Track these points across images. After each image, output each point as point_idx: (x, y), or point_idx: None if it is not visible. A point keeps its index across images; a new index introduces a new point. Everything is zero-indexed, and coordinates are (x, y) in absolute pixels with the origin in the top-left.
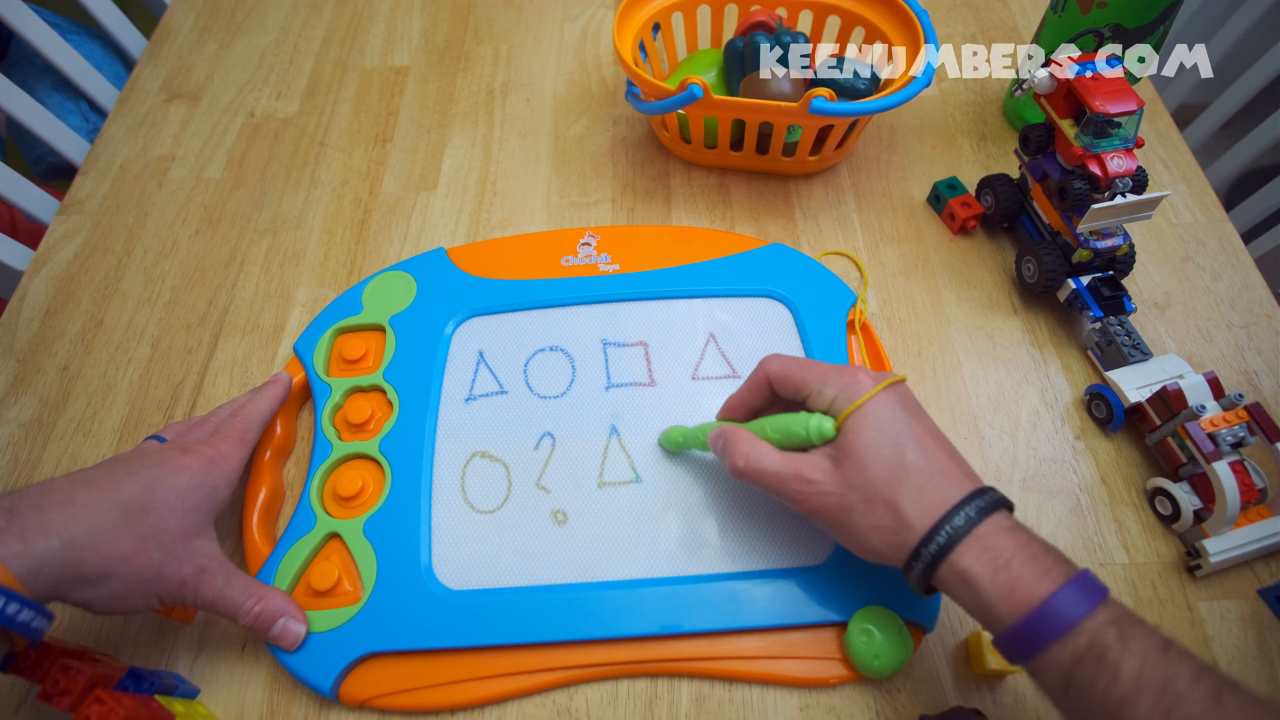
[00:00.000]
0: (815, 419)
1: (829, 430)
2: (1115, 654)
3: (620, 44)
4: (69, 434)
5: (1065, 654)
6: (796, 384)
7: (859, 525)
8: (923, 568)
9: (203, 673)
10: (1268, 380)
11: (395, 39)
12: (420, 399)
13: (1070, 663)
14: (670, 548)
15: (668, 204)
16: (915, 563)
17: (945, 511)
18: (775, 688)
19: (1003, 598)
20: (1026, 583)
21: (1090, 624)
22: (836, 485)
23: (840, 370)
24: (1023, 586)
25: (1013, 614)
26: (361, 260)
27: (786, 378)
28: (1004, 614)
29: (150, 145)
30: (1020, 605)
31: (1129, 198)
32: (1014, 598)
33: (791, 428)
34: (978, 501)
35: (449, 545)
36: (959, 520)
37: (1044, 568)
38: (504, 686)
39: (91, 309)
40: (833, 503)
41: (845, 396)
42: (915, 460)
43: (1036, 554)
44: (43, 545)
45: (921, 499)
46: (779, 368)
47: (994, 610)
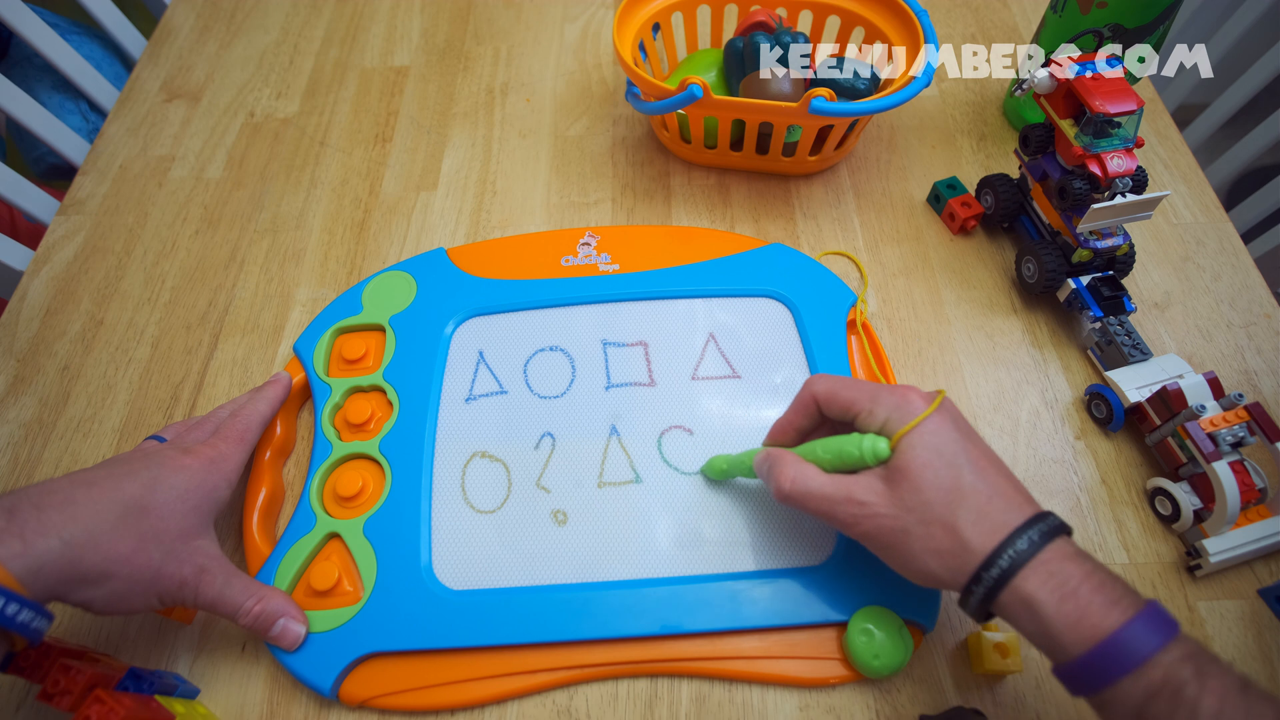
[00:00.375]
0: (869, 439)
1: (884, 450)
2: (1192, 691)
3: (620, 44)
4: (69, 434)
5: (1138, 689)
6: (845, 404)
7: (915, 548)
8: (984, 592)
9: (203, 673)
10: (1268, 380)
11: (395, 39)
12: (420, 399)
13: (1143, 698)
14: (670, 548)
15: (668, 204)
16: (976, 587)
17: (1007, 535)
18: (775, 688)
19: (1069, 626)
20: (1095, 612)
21: (1164, 659)
22: (891, 507)
23: (890, 389)
24: (1091, 616)
25: (1080, 644)
26: (361, 260)
27: (834, 397)
28: (1070, 643)
29: (150, 145)
30: (1089, 635)
31: (1129, 198)
32: (1082, 627)
33: (844, 448)
34: (1040, 525)
35: (449, 545)
36: (1022, 544)
37: (1113, 597)
38: (504, 686)
39: (91, 309)
40: (888, 525)
41: (898, 417)
42: (973, 482)
43: (1104, 582)
44: (42, 545)
45: (981, 522)
46: (825, 388)
47: (1059, 639)
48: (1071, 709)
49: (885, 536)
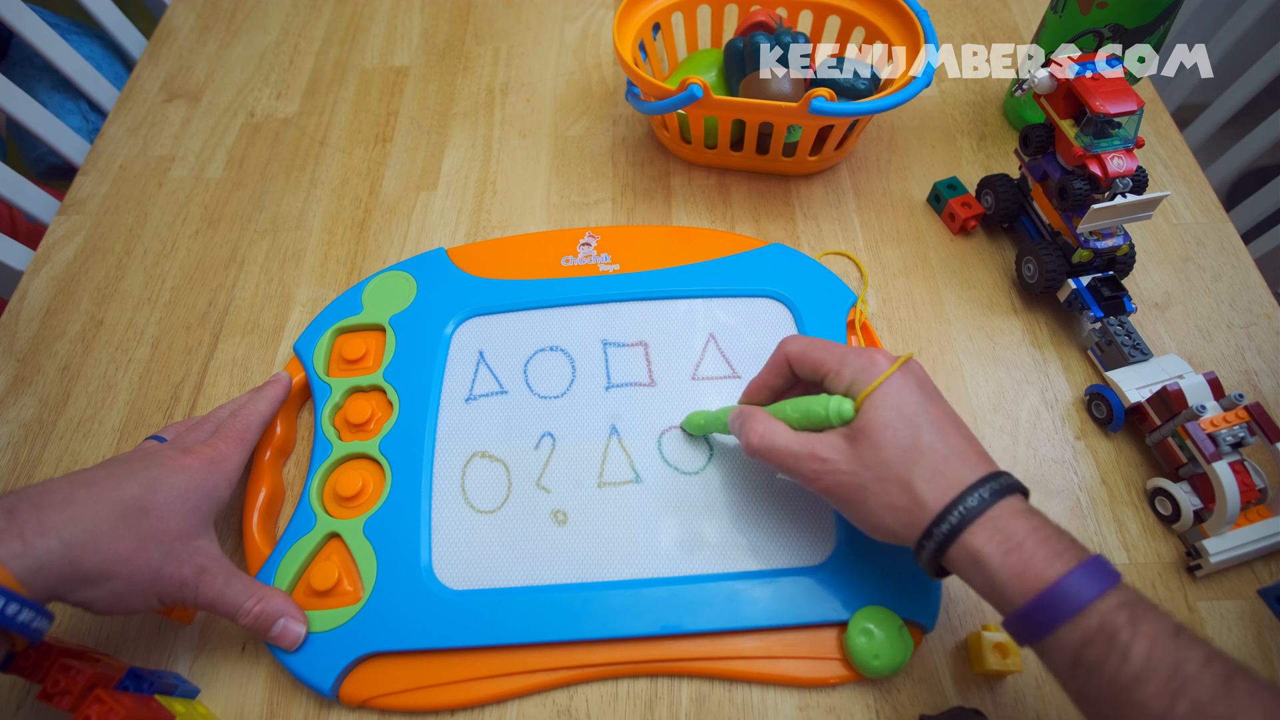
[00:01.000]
0: (835, 400)
1: (848, 411)
2: (1125, 636)
3: (620, 44)
4: (69, 434)
5: (1075, 635)
6: (814, 363)
7: (872, 504)
8: (934, 547)
9: (203, 673)
10: (1268, 380)
11: (395, 39)
12: (420, 399)
13: (1079, 643)
14: (670, 548)
15: (668, 204)
16: (927, 542)
17: (959, 492)
18: (775, 688)
19: (1014, 578)
20: (1038, 564)
21: (1101, 606)
22: (851, 464)
23: (858, 351)
24: (1034, 568)
25: (1023, 594)
26: (361, 260)
27: (804, 357)
28: (1014, 594)
29: (150, 145)
30: (1031, 586)
31: (1129, 198)
32: (1025, 578)
33: (811, 408)
34: (992, 484)
35: (449, 545)
36: (972, 501)
37: (1056, 550)
38: (504, 686)
39: (91, 309)
40: (846, 480)
41: (863, 378)
42: (931, 441)
43: (1049, 537)
44: (42, 545)
45: (936, 479)
46: (797, 348)
47: (1004, 590)
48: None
49: (845, 492)
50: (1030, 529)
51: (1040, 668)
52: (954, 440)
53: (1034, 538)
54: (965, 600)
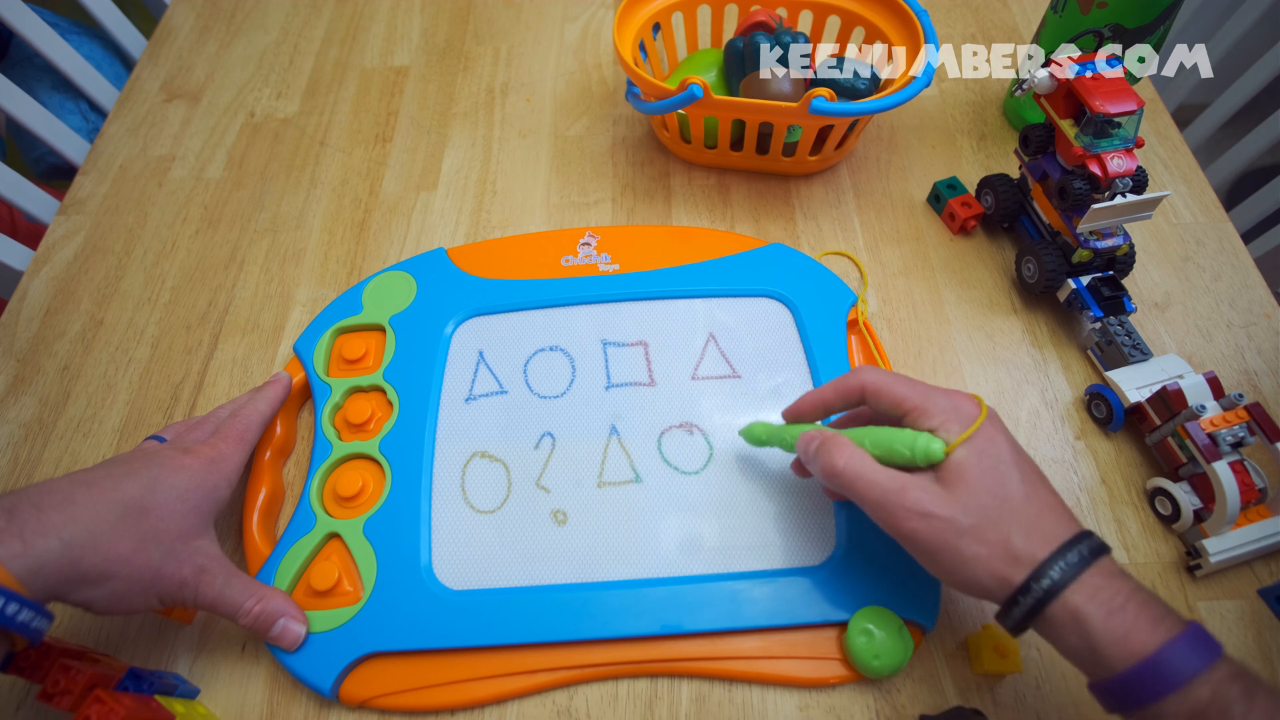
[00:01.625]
0: (923, 438)
1: (937, 452)
2: (1240, 710)
3: (620, 44)
4: (69, 434)
5: (1184, 707)
6: (896, 399)
7: (967, 554)
8: (1032, 603)
9: (203, 673)
10: (1268, 380)
11: (395, 39)
12: (420, 399)
13: (1189, 717)
14: (670, 548)
15: (668, 204)
16: (1023, 598)
17: (1057, 547)
18: (775, 688)
19: (1115, 642)
20: (1142, 628)
21: (1211, 677)
22: (945, 509)
23: (945, 392)
24: (1138, 632)
25: (1125, 660)
26: (361, 260)
27: (884, 391)
28: (1114, 659)
29: (150, 145)
30: (1135, 651)
31: (1129, 198)
32: (1129, 643)
33: (894, 445)
34: (1089, 541)
35: (449, 545)
36: (1073, 558)
37: (1158, 615)
38: (504, 686)
39: (91, 309)
40: (939, 527)
41: (953, 420)
42: (1025, 493)
43: (1148, 601)
44: (42, 545)
45: (1033, 533)
46: (876, 380)
47: (1103, 654)
48: (1071, 710)
49: (935, 539)
50: (1129, 592)
51: (1040, 668)
52: (1045, 495)
53: (1134, 600)
54: (965, 600)
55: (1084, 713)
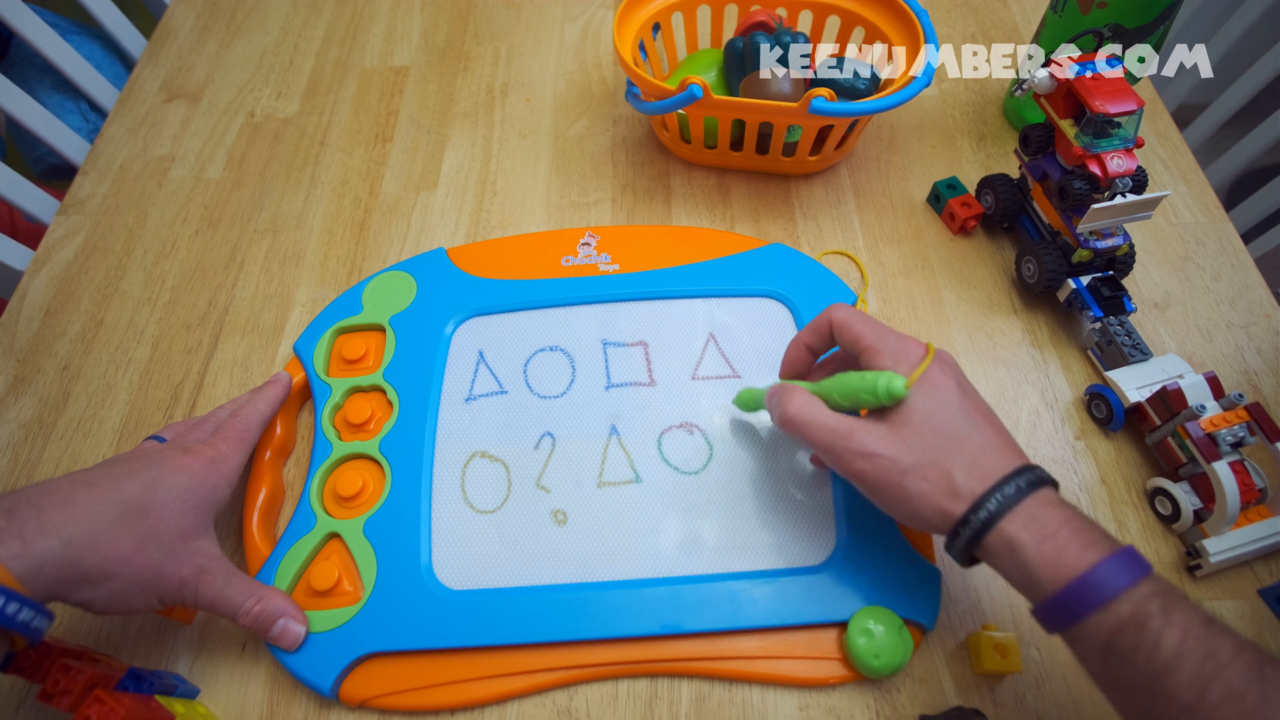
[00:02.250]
0: (884, 378)
1: (900, 389)
2: (1157, 624)
3: (620, 44)
4: (69, 434)
5: (1107, 622)
6: (854, 335)
7: (910, 490)
8: (970, 534)
9: (203, 673)
10: (1268, 380)
11: (395, 39)
12: (420, 399)
13: (1111, 631)
14: (670, 548)
15: (668, 204)
16: (963, 529)
17: (996, 481)
18: (775, 688)
19: (1047, 566)
20: (1072, 552)
21: (1133, 594)
22: (890, 449)
23: (898, 336)
24: (1068, 556)
25: (1056, 582)
26: (361, 260)
27: (846, 326)
28: (1047, 581)
29: (150, 145)
30: (1064, 574)
31: (1129, 198)
32: (1059, 566)
33: (858, 390)
34: (1027, 475)
35: (449, 545)
36: (1009, 490)
37: (1089, 540)
38: (504, 686)
39: (91, 309)
40: (885, 466)
41: (903, 362)
42: (969, 431)
43: (1082, 528)
44: (42, 545)
45: (973, 469)
46: (842, 315)
47: (1037, 577)
48: (1072, 710)
49: (882, 477)
50: (1064, 519)
51: (1040, 668)
52: (989, 432)
53: (1067, 528)
54: (965, 600)
55: (1084, 713)
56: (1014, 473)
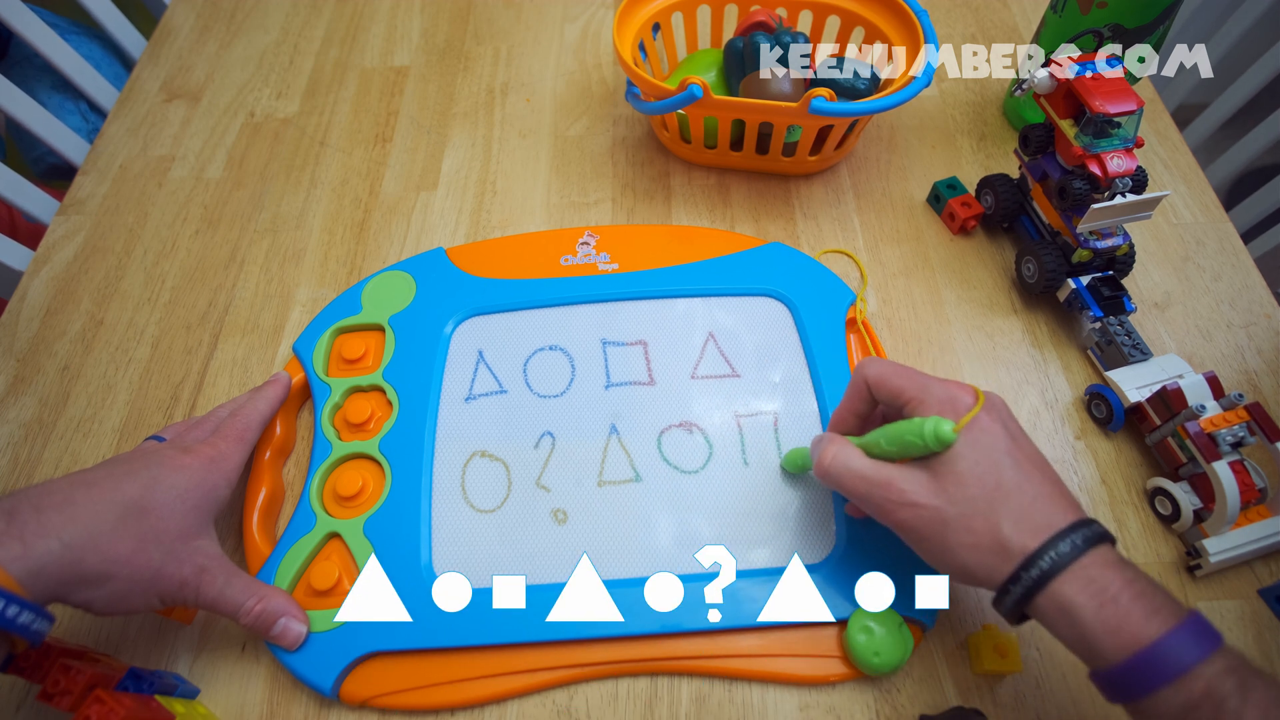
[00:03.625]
0: (931, 423)
1: (948, 434)
2: (1234, 704)
3: (620, 44)
4: (69, 434)
5: (1178, 699)
6: (894, 390)
7: (952, 542)
8: (1021, 593)
9: (203, 673)
10: (1268, 380)
11: (395, 39)
12: (420, 398)
13: (1183, 708)
14: (670, 546)
15: (668, 204)
16: (1013, 587)
17: (1049, 537)
18: (775, 687)
19: (1109, 634)
20: (1136, 620)
21: (1206, 670)
22: (933, 498)
23: (941, 382)
24: (1131, 624)
25: (1119, 652)
26: (361, 260)
27: (884, 382)
28: (1109, 651)
29: (150, 145)
30: (1128, 643)
31: (1129, 198)
32: (1122, 635)
33: (905, 437)
34: (1084, 530)
35: (449, 545)
36: (1064, 547)
37: (1153, 606)
38: (504, 686)
39: (91, 309)
40: (926, 516)
41: (950, 409)
42: (1017, 481)
43: (1145, 591)
44: (42, 547)
45: (1023, 522)
46: (876, 372)
47: (1097, 646)
48: (1072, 710)
49: (923, 528)
50: (1125, 581)
51: (1040, 667)
52: (1041, 482)
53: (1129, 591)
54: (965, 600)
55: (1084, 712)
56: (1069, 528)
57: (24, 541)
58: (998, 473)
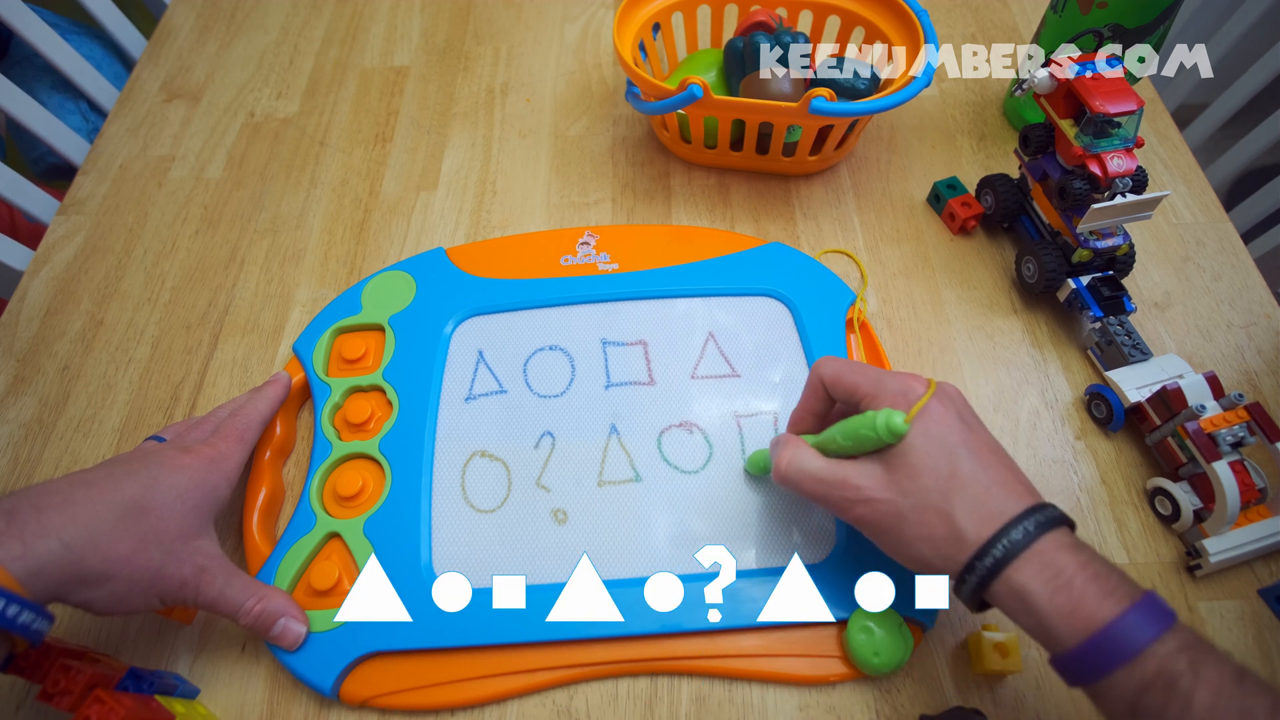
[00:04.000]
0: (883, 415)
1: (900, 425)
2: (1187, 683)
3: (620, 44)
4: (69, 434)
5: (1131, 680)
6: (849, 387)
7: (909, 534)
8: (976, 582)
9: (203, 673)
10: (1268, 380)
11: (395, 39)
12: (420, 398)
13: (1137, 689)
14: (670, 546)
15: (668, 204)
16: (969, 576)
17: (1002, 525)
18: (776, 687)
19: (1063, 618)
20: (1090, 603)
21: (1159, 650)
22: (886, 492)
23: (894, 376)
24: (1085, 607)
25: (1074, 635)
26: (361, 260)
27: (839, 380)
28: (1064, 635)
29: (150, 145)
30: (1082, 627)
31: (1129, 198)
32: (1075, 618)
33: (859, 430)
34: (1037, 516)
35: (449, 545)
36: (1017, 534)
37: (1108, 588)
38: (504, 686)
39: (91, 309)
40: (882, 509)
41: (901, 402)
42: (971, 470)
43: (1099, 573)
44: (42, 547)
45: (977, 510)
46: (831, 370)
47: (1053, 631)
48: (1071, 710)
49: (880, 521)
50: (1079, 564)
51: (1040, 667)
52: (996, 470)
53: (1083, 574)
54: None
55: (1084, 712)
56: (1022, 514)
57: (24, 541)
58: (952, 462)
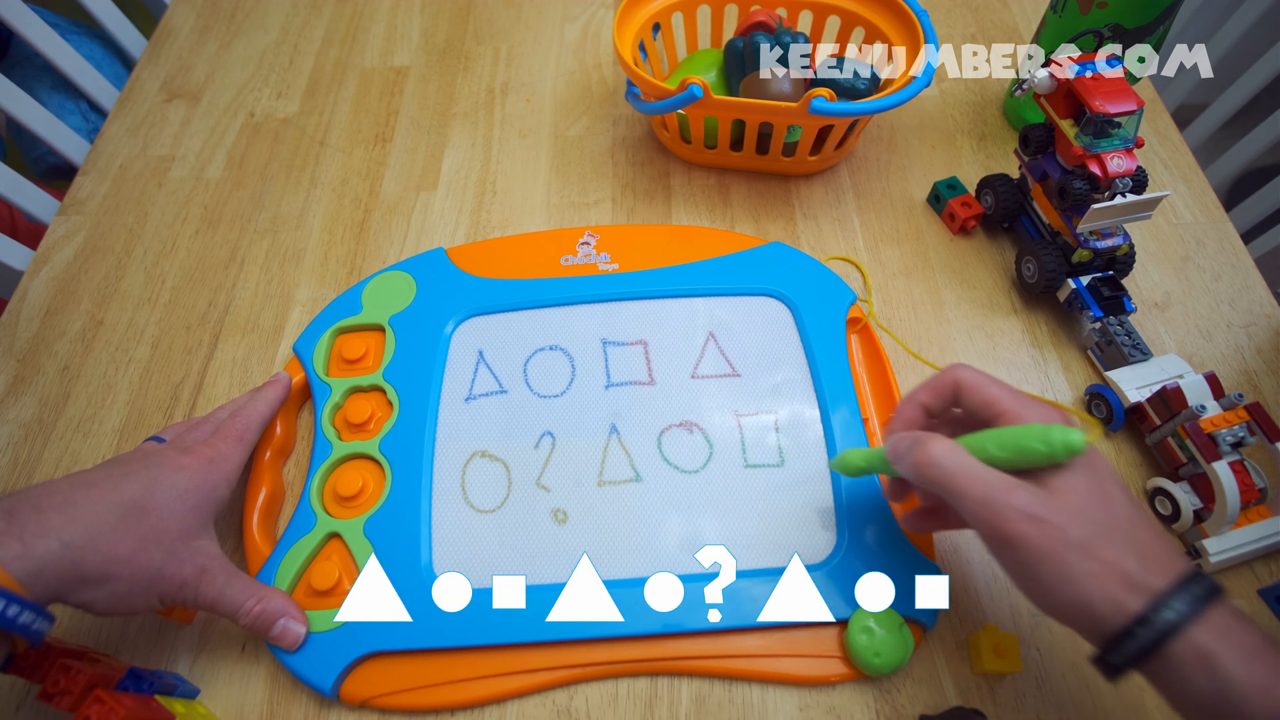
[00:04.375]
0: (1058, 429)
1: (1078, 443)
2: None
3: (620, 44)
4: (69, 434)
5: None
6: (989, 398)
7: (1075, 569)
8: (1152, 636)
9: (203, 673)
10: (1268, 380)
11: (395, 39)
12: (420, 399)
13: None
14: (670, 546)
15: (668, 204)
16: (1140, 629)
17: (1179, 578)
18: (776, 687)
19: (1259, 692)
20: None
21: None
22: (1058, 516)
23: (1040, 402)
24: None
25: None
26: (361, 260)
27: (979, 389)
28: (1257, 711)
29: (150, 145)
30: None
31: (1129, 198)
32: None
33: (1023, 442)
34: (1208, 579)
35: (449, 545)
36: (1198, 590)
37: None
38: (504, 686)
39: (91, 309)
40: (1050, 533)
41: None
42: (1133, 517)
43: None
44: (42, 547)
45: (1148, 560)
46: (972, 377)
47: (1242, 704)
48: (1071, 709)
49: (1043, 547)
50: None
51: (1040, 667)
52: (1153, 521)
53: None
54: (965, 600)
55: (1084, 713)
56: (1195, 572)
57: (24, 541)
58: (1114, 503)
